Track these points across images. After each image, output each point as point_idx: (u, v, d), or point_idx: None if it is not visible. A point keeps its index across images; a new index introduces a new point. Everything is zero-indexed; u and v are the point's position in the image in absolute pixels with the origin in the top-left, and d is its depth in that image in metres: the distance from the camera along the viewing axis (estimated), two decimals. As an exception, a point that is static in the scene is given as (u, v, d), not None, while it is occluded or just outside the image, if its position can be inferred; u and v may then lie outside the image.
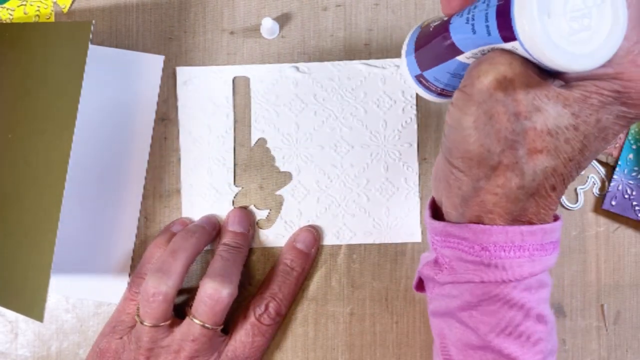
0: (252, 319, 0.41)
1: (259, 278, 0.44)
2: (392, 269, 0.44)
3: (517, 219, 0.30)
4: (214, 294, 0.38)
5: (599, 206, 0.44)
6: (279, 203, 0.44)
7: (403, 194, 0.44)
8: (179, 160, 0.44)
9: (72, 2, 0.45)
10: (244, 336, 0.41)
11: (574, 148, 0.29)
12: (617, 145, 0.43)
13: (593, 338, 0.44)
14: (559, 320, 0.44)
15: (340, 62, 0.44)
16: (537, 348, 0.31)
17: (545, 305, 0.32)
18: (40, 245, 0.37)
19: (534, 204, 0.30)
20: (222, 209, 0.44)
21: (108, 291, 0.44)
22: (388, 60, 0.44)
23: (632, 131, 0.43)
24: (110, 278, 0.44)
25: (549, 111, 0.28)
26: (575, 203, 0.44)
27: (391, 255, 0.44)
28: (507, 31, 0.27)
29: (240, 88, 0.45)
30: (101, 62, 0.44)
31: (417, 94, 0.44)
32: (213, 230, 0.43)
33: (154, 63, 0.45)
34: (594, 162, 0.44)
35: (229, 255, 0.41)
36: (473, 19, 0.29)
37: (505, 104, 0.28)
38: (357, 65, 0.44)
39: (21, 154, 0.40)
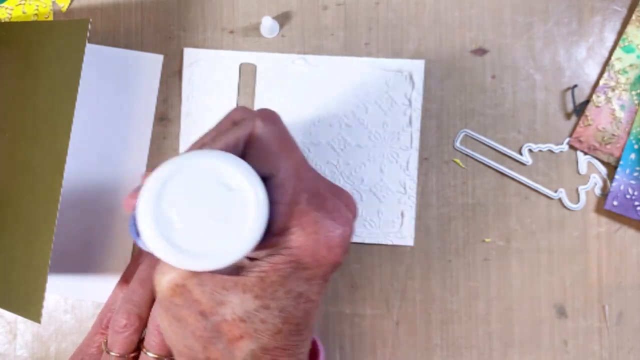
0: None
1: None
2: (392, 269, 0.44)
3: None
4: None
5: (601, 206, 0.43)
6: None
7: (397, 197, 0.44)
8: (178, 160, 0.44)
9: (71, 1, 0.45)
10: None
11: (275, 323, 0.29)
12: (619, 145, 0.43)
13: (595, 339, 0.43)
14: (561, 321, 0.43)
15: (349, 58, 0.44)
16: None
17: None
18: (38, 245, 0.37)
19: None
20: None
21: (107, 292, 0.44)
22: (394, 60, 0.44)
23: (634, 131, 0.43)
24: (109, 279, 0.44)
25: (232, 301, 0.28)
26: (577, 203, 0.44)
27: (391, 255, 0.44)
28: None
29: (246, 75, 0.44)
30: (100, 61, 0.44)
31: (422, 98, 0.44)
32: None
33: (154, 62, 0.44)
34: (596, 162, 0.44)
35: None
36: (131, 226, 0.29)
37: (187, 307, 0.28)
38: (363, 62, 0.44)
39: (18, 153, 0.40)
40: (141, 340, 0.40)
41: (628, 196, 0.43)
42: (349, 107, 0.44)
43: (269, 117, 0.30)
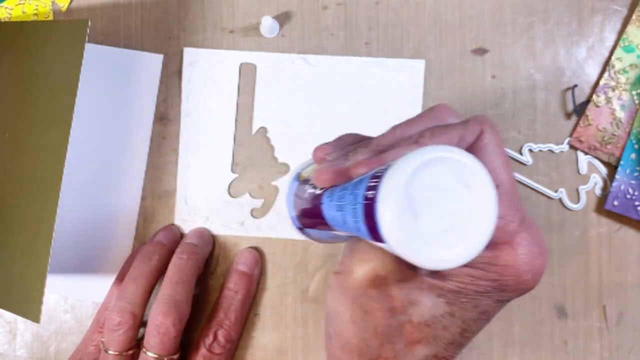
0: (202, 350, 0.40)
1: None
2: (392, 270, 0.44)
3: None
4: (160, 325, 0.37)
5: (601, 206, 0.43)
6: (274, 194, 0.44)
7: None
8: (177, 160, 0.44)
9: (71, 1, 0.45)
10: None
11: (454, 333, 0.28)
12: (620, 145, 0.43)
13: (595, 339, 0.43)
14: (561, 321, 0.43)
15: (349, 58, 0.44)
16: None
17: None
18: (37, 245, 0.37)
19: None
20: (217, 195, 0.44)
21: (106, 292, 0.44)
22: (394, 60, 0.44)
23: (635, 131, 0.43)
24: (108, 279, 0.44)
25: (424, 303, 0.28)
26: (577, 203, 0.43)
27: (392, 255, 0.44)
28: (375, 233, 0.25)
29: (246, 75, 0.44)
30: (100, 61, 0.44)
31: (422, 98, 0.44)
32: (174, 244, 0.43)
33: (153, 62, 0.44)
34: (596, 162, 0.44)
35: (178, 276, 0.40)
36: (342, 209, 0.27)
37: (379, 301, 0.28)
38: (364, 62, 0.44)
39: (17, 153, 0.40)
40: (140, 339, 0.40)
41: (628, 196, 0.43)
42: (349, 107, 0.44)
43: (493, 125, 0.28)
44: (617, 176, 0.43)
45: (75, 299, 0.44)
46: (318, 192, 0.30)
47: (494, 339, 0.44)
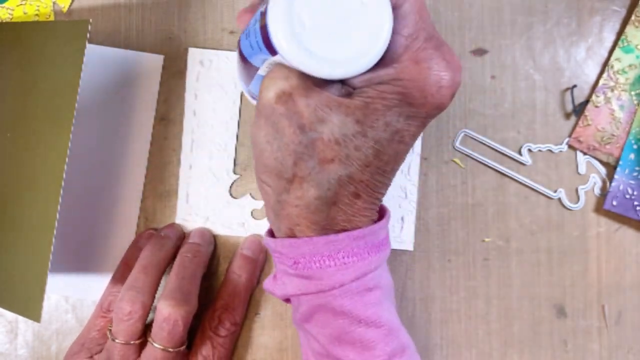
0: (208, 332, 0.41)
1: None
2: (391, 269, 0.44)
3: (326, 228, 0.30)
4: (169, 317, 0.37)
5: (600, 206, 0.44)
6: None
7: (397, 201, 0.44)
8: (178, 160, 0.44)
9: (72, 2, 0.45)
10: (204, 350, 0.40)
11: (367, 154, 0.29)
12: (619, 145, 0.43)
13: (594, 339, 0.43)
14: (560, 321, 0.43)
15: None
16: (375, 352, 0.31)
17: (376, 309, 0.32)
18: (38, 245, 0.37)
19: (341, 212, 0.30)
20: (218, 195, 0.44)
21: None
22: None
23: (634, 131, 0.43)
24: (110, 278, 0.44)
25: (333, 121, 0.28)
26: (577, 203, 0.44)
27: (391, 255, 0.44)
28: (269, 46, 0.27)
29: None
30: (101, 61, 0.44)
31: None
32: (179, 240, 0.43)
33: (154, 63, 0.44)
34: (595, 162, 0.44)
35: (184, 272, 0.40)
36: (249, 36, 0.29)
37: (288, 117, 0.29)
38: None
39: (18, 153, 0.40)
40: (147, 328, 0.40)
41: (627, 196, 0.43)
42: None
43: None
44: (616, 176, 0.43)
45: (76, 298, 0.45)
46: (240, 39, 0.32)
47: (493, 339, 0.44)
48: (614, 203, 0.43)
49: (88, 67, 0.39)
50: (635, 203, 0.43)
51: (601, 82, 0.43)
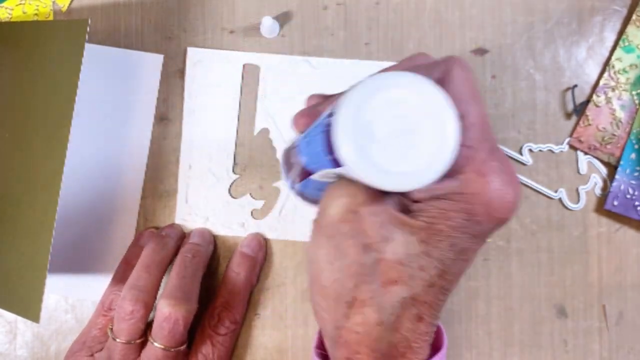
0: (208, 331, 0.41)
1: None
2: (392, 270, 0.44)
3: (387, 356, 0.28)
4: (170, 317, 0.37)
5: (601, 206, 0.43)
6: (275, 195, 0.44)
7: None
8: (178, 160, 0.44)
9: (71, 1, 0.45)
10: (204, 349, 0.40)
11: (431, 274, 0.27)
12: (619, 145, 0.43)
13: (595, 339, 0.43)
14: (561, 321, 0.43)
15: (353, 61, 0.44)
16: None
17: None
18: (37, 245, 0.37)
19: (402, 338, 0.28)
20: (217, 195, 0.44)
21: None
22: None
23: (635, 131, 0.43)
24: (109, 279, 0.44)
25: (397, 239, 0.27)
26: (577, 203, 0.44)
27: (392, 255, 0.44)
28: (335, 157, 0.26)
29: (249, 75, 0.44)
30: (100, 61, 0.44)
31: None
32: (179, 240, 0.43)
33: (154, 62, 0.44)
34: (596, 162, 0.44)
35: (185, 272, 0.40)
36: (311, 143, 0.28)
37: (352, 236, 0.27)
38: (368, 65, 0.44)
39: (17, 153, 0.40)
40: (148, 327, 0.40)
41: (628, 196, 0.43)
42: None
43: (463, 63, 0.28)
44: (617, 176, 0.43)
45: (76, 298, 0.45)
46: (298, 142, 0.31)
47: (494, 339, 0.44)
48: (615, 203, 0.43)
49: (87, 66, 0.39)
50: (636, 203, 0.42)
51: (602, 81, 0.43)
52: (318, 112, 0.29)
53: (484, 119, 0.28)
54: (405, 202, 0.28)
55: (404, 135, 0.25)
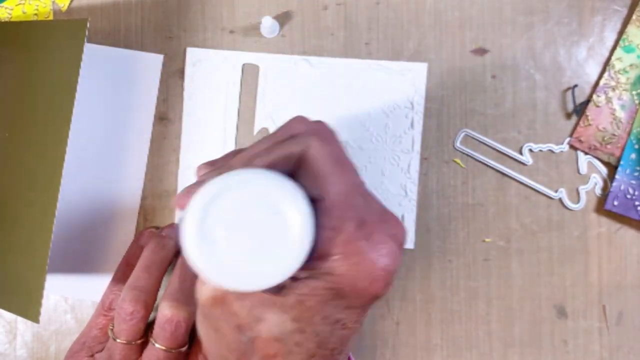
0: None
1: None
2: (392, 270, 0.44)
3: None
4: (172, 319, 0.37)
5: (601, 206, 0.43)
6: None
7: (397, 200, 0.44)
8: (178, 160, 0.44)
9: (71, 1, 0.45)
10: (204, 349, 0.40)
11: (309, 347, 0.28)
12: (620, 145, 0.43)
13: (595, 339, 0.43)
14: (561, 321, 0.43)
15: (352, 60, 0.44)
16: None
17: None
18: (36, 245, 0.37)
19: None
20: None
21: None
22: (397, 63, 0.44)
23: (635, 131, 0.43)
24: (109, 278, 0.44)
25: (270, 318, 0.28)
26: (577, 203, 0.43)
27: (392, 255, 0.44)
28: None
29: (249, 75, 0.44)
30: (100, 61, 0.44)
31: (424, 101, 0.44)
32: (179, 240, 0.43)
33: (154, 62, 0.44)
34: (596, 162, 0.44)
35: (186, 273, 0.40)
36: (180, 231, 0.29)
37: (225, 319, 0.28)
38: (368, 64, 0.44)
39: (17, 153, 0.40)
40: (148, 328, 0.40)
41: (628, 196, 0.43)
42: (351, 110, 0.44)
43: (326, 135, 0.29)
44: (617, 176, 0.43)
45: (76, 299, 0.44)
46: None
47: (494, 339, 0.44)
48: (615, 203, 0.43)
49: (87, 66, 0.39)
50: (637, 203, 0.42)
51: (602, 81, 0.43)
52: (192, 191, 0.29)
53: (348, 195, 0.28)
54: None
55: (252, 235, 0.26)
